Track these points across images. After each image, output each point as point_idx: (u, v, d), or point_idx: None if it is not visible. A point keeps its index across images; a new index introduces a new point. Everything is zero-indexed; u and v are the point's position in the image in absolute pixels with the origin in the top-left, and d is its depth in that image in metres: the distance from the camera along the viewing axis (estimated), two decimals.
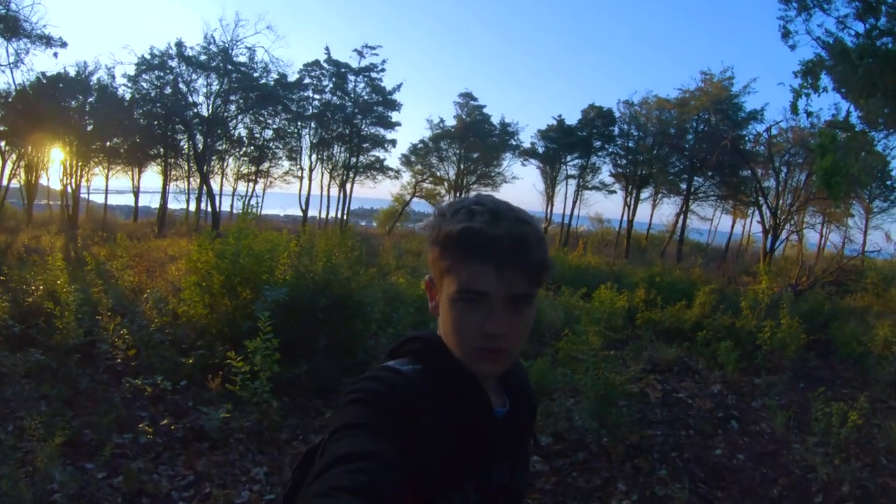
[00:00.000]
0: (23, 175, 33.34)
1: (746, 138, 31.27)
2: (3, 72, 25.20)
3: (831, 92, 11.95)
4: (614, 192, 38.62)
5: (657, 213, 37.41)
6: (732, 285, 17.82)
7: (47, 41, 22.13)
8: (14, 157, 31.44)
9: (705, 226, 39.27)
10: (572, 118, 38.84)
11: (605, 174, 38.92)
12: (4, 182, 28.86)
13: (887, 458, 6.07)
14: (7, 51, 24.74)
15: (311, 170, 38.46)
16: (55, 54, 22.22)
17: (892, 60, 11.03)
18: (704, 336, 10.33)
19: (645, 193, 36.42)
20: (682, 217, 33.51)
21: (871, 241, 32.17)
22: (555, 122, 38.53)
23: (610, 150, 37.74)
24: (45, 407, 5.87)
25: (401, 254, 19.84)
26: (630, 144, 36.30)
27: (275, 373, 5.96)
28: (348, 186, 39.18)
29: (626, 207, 35.94)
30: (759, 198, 29.42)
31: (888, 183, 32.44)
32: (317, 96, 38.06)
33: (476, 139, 38.97)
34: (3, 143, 30.77)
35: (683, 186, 34.24)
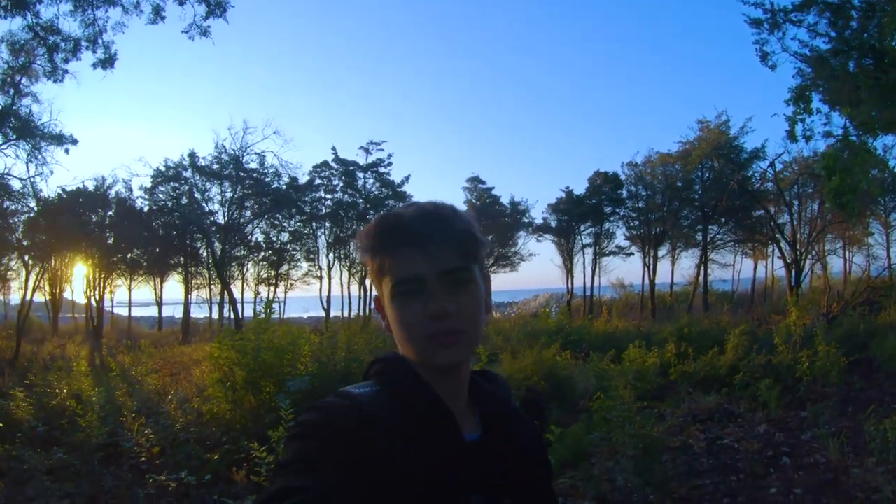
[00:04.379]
0: (47, 288, 34.27)
1: (753, 178, 31.13)
2: (25, 186, 26.12)
3: (823, 109, 11.90)
4: (631, 254, 38.29)
5: (678, 268, 37.05)
6: (763, 326, 17.46)
7: (59, 139, 23.12)
8: (38, 270, 32.20)
9: (728, 274, 38.82)
10: (580, 187, 39.00)
11: (620, 238, 38.61)
12: (29, 295, 29.31)
13: None
14: (28, 166, 25.37)
15: (329, 269, 38.70)
16: (66, 150, 23.36)
17: (871, 56, 11.04)
18: (742, 378, 10.02)
19: (662, 251, 36.03)
20: (702, 268, 33.09)
21: None
22: (563, 195, 38.66)
23: (621, 213, 37.54)
24: None
25: None
26: (640, 205, 36.14)
27: None
28: (367, 282, 39.08)
29: (646, 268, 35.61)
30: (777, 234, 29.17)
31: None
32: (328, 196, 38.66)
33: (489, 221, 39.02)
34: (27, 258, 31.73)
35: (699, 237, 33.94)
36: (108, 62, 9.65)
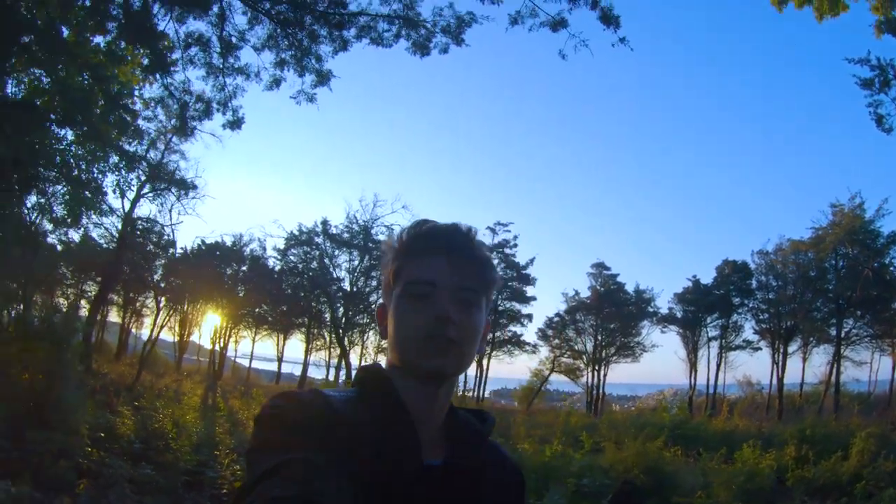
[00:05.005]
0: (177, 329, 36.88)
1: (891, 266, 28.97)
2: (168, 233, 28.42)
3: None
4: (759, 349, 36.06)
5: (809, 366, 34.07)
6: None
7: (195, 187, 25.38)
8: (170, 311, 34.79)
9: (864, 374, 35.19)
10: (707, 276, 37.54)
11: (749, 331, 36.52)
12: (157, 332, 31.63)
13: None
14: (171, 213, 27.65)
15: None
16: (197, 198, 25.62)
17: None
18: (864, 487, 9.19)
19: (793, 346, 33.57)
20: (834, 366, 30.53)
21: None
22: (690, 284, 37.45)
23: (750, 305, 35.78)
24: None
25: (532, 426, 19.41)
26: (770, 296, 34.27)
27: None
28: (485, 362, 39.13)
29: (775, 365, 33.47)
30: None
31: None
32: None
33: (612, 309, 38.31)
34: (161, 298, 34.14)
35: (833, 332, 31.23)
36: (235, 124, 10.50)
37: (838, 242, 28.84)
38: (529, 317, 40.03)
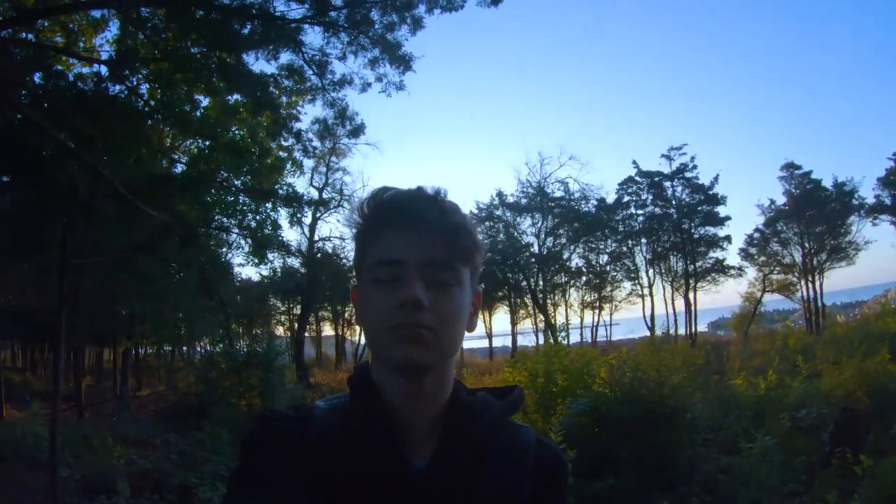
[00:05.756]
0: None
1: None
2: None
3: None
4: None
5: None
6: None
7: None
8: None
9: None
10: None
11: None
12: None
13: None
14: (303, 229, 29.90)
15: (651, 286, 38.08)
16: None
17: None
18: None
19: None
20: None
21: None
22: (893, 163, 33.31)
23: None
24: None
25: (747, 356, 18.43)
26: None
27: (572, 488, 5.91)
28: (691, 295, 37.54)
29: None
30: None
31: None
32: (640, 211, 38.31)
33: (813, 211, 35.01)
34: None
35: None
36: (357, 132, 11.06)
37: None
38: (728, 238, 37.49)
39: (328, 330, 42.06)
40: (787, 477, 7.14)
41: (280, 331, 35.53)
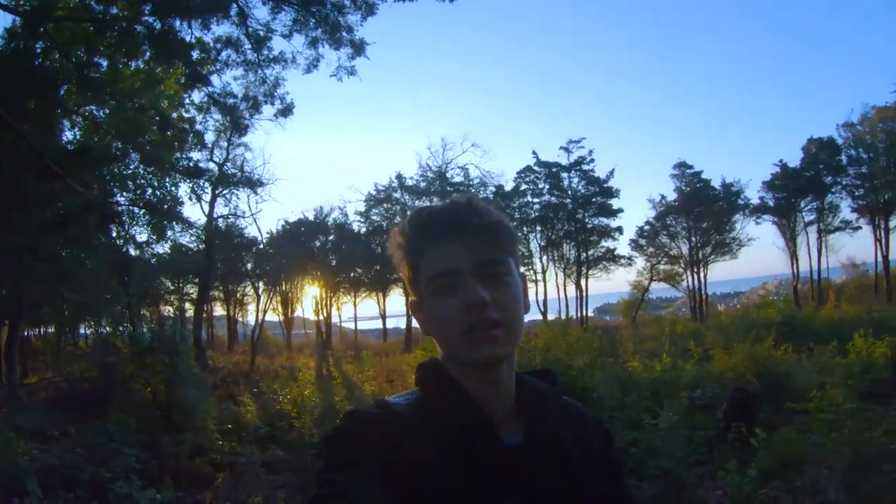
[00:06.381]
0: (280, 309, 38.85)
1: None
2: (248, 225, 30.08)
3: None
4: (859, 227, 34.48)
5: None
6: None
7: (261, 184, 27.22)
8: (270, 294, 36.23)
9: None
10: (794, 158, 36.17)
11: (846, 211, 35.01)
12: (262, 316, 33.10)
13: None
14: (249, 204, 28.84)
15: (544, 272, 39.27)
16: (266, 194, 27.63)
17: None
18: None
19: (894, 221, 32.03)
20: None
21: None
22: (778, 169, 36.04)
23: (843, 182, 34.32)
24: (282, 494, 6.68)
25: (639, 340, 19.30)
26: (863, 170, 32.71)
27: None
28: (583, 282, 39.10)
29: (878, 243, 32.06)
30: None
31: None
32: (536, 200, 39.46)
33: (701, 208, 37.40)
34: (259, 284, 36.24)
35: None
36: (285, 111, 10.82)
37: None
38: (619, 229, 39.65)
39: (219, 310, 40.97)
40: (689, 449, 7.51)
41: (170, 311, 34.20)
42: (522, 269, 1.28)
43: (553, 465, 1.15)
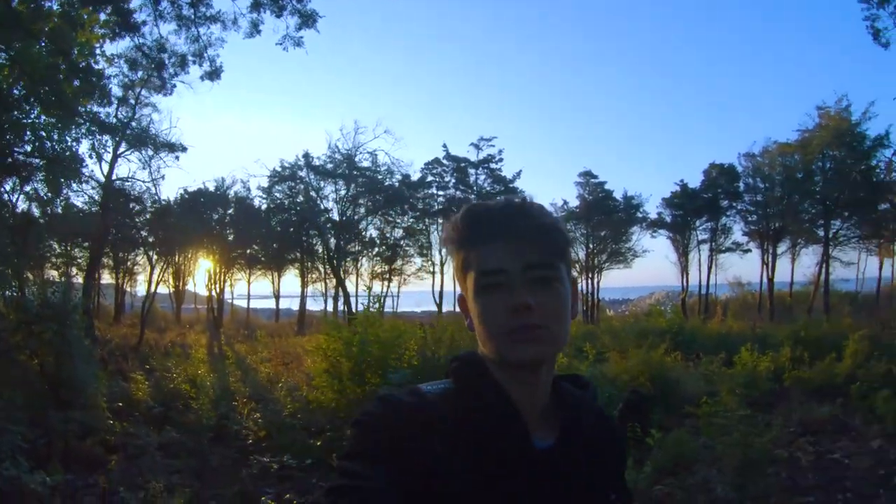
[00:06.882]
0: (171, 281, 37.25)
1: (878, 168, 29.28)
2: (147, 189, 28.38)
3: None
4: (749, 250, 36.84)
5: (798, 266, 34.92)
6: (887, 331, 16.40)
7: (171, 147, 25.21)
8: (162, 265, 34.83)
9: (852, 273, 36.02)
10: (695, 180, 37.87)
11: (738, 234, 37.24)
12: (153, 288, 31.98)
13: None
14: (149, 169, 27.67)
15: (442, 264, 39.02)
16: (177, 157, 25.66)
17: None
18: (859, 388, 9.53)
19: (782, 247, 34.40)
20: (823, 266, 31.15)
21: None
22: (678, 188, 37.59)
23: (738, 207, 36.28)
24: (177, 479, 6.32)
25: None
26: (758, 198, 34.68)
27: None
28: None
29: (765, 266, 34.14)
30: None
31: None
32: (441, 192, 39.37)
33: (601, 217, 38.47)
34: (152, 253, 34.34)
35: (821, 233, 31.84)
36: (213, 74, 10.31)
37: (825, 145, 28.98)
38: None
39: (107, 278, 38.88)
40: None
41: (54, 276, 31.98)
42: (573, 274, 1.27)
43: (583, 471, 1.15)
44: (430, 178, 39.06)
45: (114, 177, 25.81)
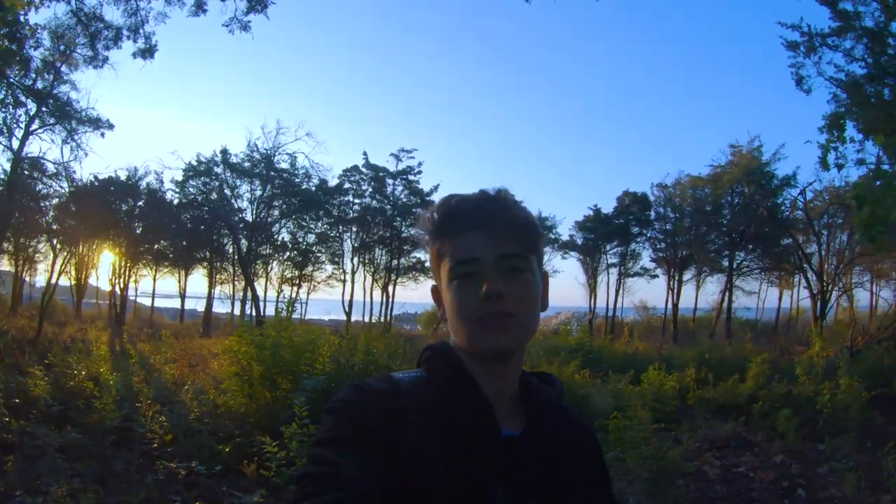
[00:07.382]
0: (73, 273, 35.35)
1: (783, 206, 30.88)
2: (59, 170, 26.88)
3: (857, 137, 11.73)
4: (656, 276, 38.19)
5: (702, 293, 36.64)
6: (786, 356, 17.24)
7: (96, 123, 23.88)
8: (65, 254, 33.18)
9: (753, 301, 38.15)
10: (608, 205, 38.89)
11: (646, 259, 38.60)
12: (54, 279, 30.25)
13: None
14: (62, 150, 25.84)
15: (353, 273, 38.75)
16: (102, 134, 24.34)
17: None
18: (761, 407, 9.93)
19: (687, 275, 35.98)
20: (726, 294, 32.72)
21: None
22: (591, 212, 38.51)
23: (648, 234, 37.58)
24: (78, 483, 5.87)
25: None
26: (668, 227, 36.17)
27: None
28: (391, 289, 39.14)
29: (670, 291, 35.44)
30: (804, 264, 28.70)
31: None
32: (357, 200, 38.85)
33: None
34: (55, 241, 32.52)
35: (726, 263, 33.47)
36: (148, 52, 9.81)
37: (735, 181, 30.53)
38: None
39: (5, 265, 36.61)
40: None
41: None
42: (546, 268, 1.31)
43: (547, 461, 1.16)
44: (347, 185, 38.48)
45: (23, 154, 24.27)
